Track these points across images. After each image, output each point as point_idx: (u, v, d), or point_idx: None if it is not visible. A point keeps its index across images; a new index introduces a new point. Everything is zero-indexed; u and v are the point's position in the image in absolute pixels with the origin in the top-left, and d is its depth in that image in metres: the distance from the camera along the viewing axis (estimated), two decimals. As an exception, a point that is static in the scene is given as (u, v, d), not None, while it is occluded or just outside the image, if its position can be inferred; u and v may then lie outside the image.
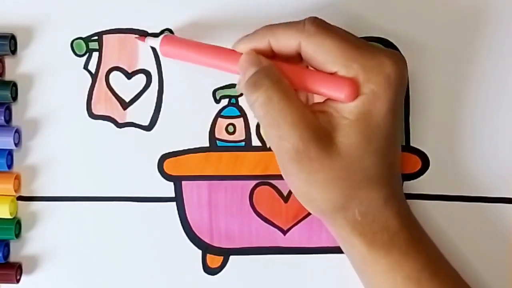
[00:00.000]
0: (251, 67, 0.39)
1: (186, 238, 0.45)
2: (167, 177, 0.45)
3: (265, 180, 0.44)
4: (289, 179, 0.40)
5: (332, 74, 0.38)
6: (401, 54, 0.42)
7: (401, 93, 0.39)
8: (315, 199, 0.39)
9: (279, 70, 0.39)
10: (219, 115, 0.44)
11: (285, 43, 0.39)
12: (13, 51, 0.44)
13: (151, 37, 0.43)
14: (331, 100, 0.39)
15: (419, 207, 0.44)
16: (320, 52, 0.38)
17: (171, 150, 0.45)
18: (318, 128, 0.38)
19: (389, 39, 0.44)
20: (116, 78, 0.45)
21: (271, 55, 0.40)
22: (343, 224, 0.39)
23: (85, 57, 0.45)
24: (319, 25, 0.38)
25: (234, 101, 0.44)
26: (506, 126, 0.44)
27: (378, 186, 0.39)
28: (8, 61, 0.45)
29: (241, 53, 0.40)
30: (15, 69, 0.45)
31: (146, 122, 0.45)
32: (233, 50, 0.41)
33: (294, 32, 0.38)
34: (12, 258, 0.45)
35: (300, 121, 0.37)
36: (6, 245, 0.44)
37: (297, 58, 0.40)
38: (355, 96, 0.38)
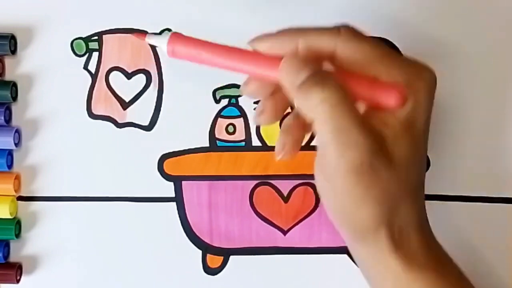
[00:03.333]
0: (304, 69, 0.35)
1: (186, 238, 0.45)
2: (167, 177, 0.45)
3: (265, 180, 0.44)
4: (334, 195, 0.36)
5: (376, 79, 0.36)
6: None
7: (433, 102, 0.37)
8: (360, 218, 0.36)
9: None
10: (219, 115, 0.45)
11: (317, 46, 0.36)
12: (13, 51, 0.44)
13: (154, 35, 0.38)
14: (375, 112, 0.37)
15: (419, 207, 0.44)
16: (359, 56, 0.36)
17: (171, 150, 0.45)
18: (380, 139, 0.36)
19: (389, 39, 0.44)
20: (116, 78, 0.45)
21: None
22: (382, 244, 0.36)
23: (85, 57, 0.45)
24: (355, 31, 0.37)
25: (234, 101, 0.44)
26: (506, 126, 0.44)
27: (417, 198, 0.37)
28: (8, 61, 0.45)
29: (268, 56, 0.36)
30: (15, 69, 0.45)
31: (146, 122, 0.45)
32: (250, 50, 0.37)
33: (330, 36, 0.36)
34: (12, 258, 0.45)
35: (368, 129, 0.35)
36: (6, 245, 0.44)
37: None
38: (404, 102, 0.36)
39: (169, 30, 0.44)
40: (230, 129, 0.44)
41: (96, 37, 0.45)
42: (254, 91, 0.38)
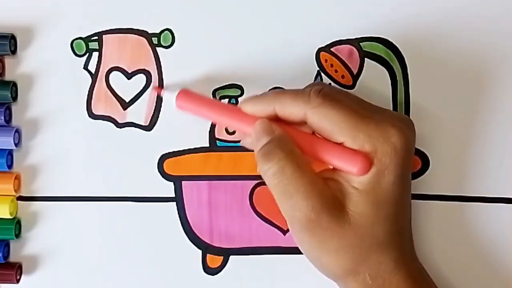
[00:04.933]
0: (264, 136, 0.39)
1: (186, 238, 0.45)
2: (167, 177, 0.45)
3: (265, 180, 0.44)
4: (301, 245, 0.40)
5: (342, 145, 0.39)
6: (408, 117, 0.42)
7: (408, 159, 0.39)
8: (326, 264, 0.40)
9: (292, 138, 0.39)
10: (219, 115, 0.44)
11: (290, 112, 0.39)
12: (13, 51, 0.44)
13: (167, 91, 0.43)
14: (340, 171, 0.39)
15: (419, 207, 0.44)
16: (326, 123, 0.38)
17: (171, 150, 0.45)
18: (330, 197, 0.38)
19: (389, 39, 0.44)
20: (116, 78, 0.45)
21: (278, 118, 0.40)
22: (354, 287, 0.39)
23: (85, 57, 0.45)
24: (324, 96, 0.39)
25: (234, 101, 0.44)
26: (506, 125, 0.44)
27: (388, 250, 0.39)
28: (8, 61, 0.45)
29: (254, 116, 0.40)
30: (15, 69, 0.45)
31: (146, 122, 0.45)
32: (239, 110, 0.41)
33: (300, 103, 0.39)
34: (12, 258, 0.45)
35: (313, 192, 0.38)
36: (6, 245, 0.44)
37: (303, 122, 0.40)
38: (367, 171, 0.38)
39: (169, 30, 0.44)
40: (230, 129, 0.44)
41: (96, 37, 0.44)
42: (251, 144, 0.41)
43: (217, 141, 0.44)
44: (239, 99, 0.44)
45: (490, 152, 0.44)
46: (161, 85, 0.44)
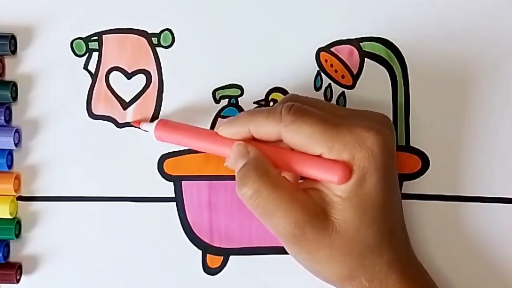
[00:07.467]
0: (240, 159, 0.40)
1: (186, 238, 0.45)
2: (167, 177, 0.45)
3: (265, 180, 0.44)
4: (293, 256, 0.41)
5: (320, 157, 0.38)
6: (384, 116, 0.41)
7: (389, 160, 0.39)
8: (320, 272, 0.40)
9: (269, 156, 0.39)
10: (219, 115, 0.44)
11: (265, 132, 0.39)
12: (13, 51, 0.44)
13: (146, 123, 0.44)
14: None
15: (419, 207, 0.44)
16: (300, 139, 0.38)
17: (171, 150, 0.45)
18: (313, 209, 0.38)
19: (389, 39, 0.44)
20: (116, 78, 0.45)
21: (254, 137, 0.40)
22: None
23: (85, 57, 0.45)
24: (295, 113, 0.39)
25: (234, 101, 0.44)
26: (506, 126, 0.44)
27: (380, 252, 0.39)
28: (8, 61, 0.45)
29: (232, 139, 0.40)
30: (15, 69, 0.45)
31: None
32: (218, 135, 0.41)
33: (272, 122, 0.39)
34: (12, 258, 0.45)
35: (293, 208, 0.38)
36: (6, 245, 0.44)
37: (281, 139, 0.40)
38: (348, 179, 0.38)
39: (169, 30, 0.44)
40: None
41: (96, 37, 0.44)
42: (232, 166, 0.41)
43: (217, 141, 0.44)
44: (239, 99, 0.44)
45: (490, 153, 0.44)
46: (161, 85, 0.44)
